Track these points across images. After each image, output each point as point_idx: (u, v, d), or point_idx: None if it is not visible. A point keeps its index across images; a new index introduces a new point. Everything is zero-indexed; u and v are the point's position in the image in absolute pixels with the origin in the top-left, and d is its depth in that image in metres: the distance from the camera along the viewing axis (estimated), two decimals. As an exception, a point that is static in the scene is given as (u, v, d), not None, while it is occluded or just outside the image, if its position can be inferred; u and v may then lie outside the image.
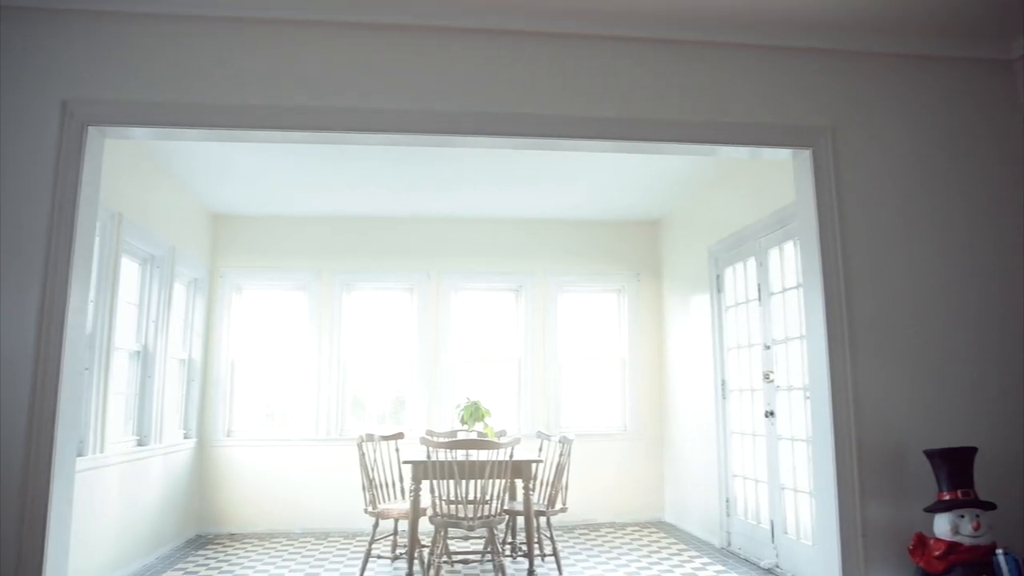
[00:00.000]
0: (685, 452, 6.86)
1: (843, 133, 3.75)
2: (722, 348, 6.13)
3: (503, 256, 7.52)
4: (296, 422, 7.09)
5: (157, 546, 5.83)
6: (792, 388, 5.03)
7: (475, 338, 7.45)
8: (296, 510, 6.88)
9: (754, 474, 5.56)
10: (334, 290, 7.26)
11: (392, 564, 5.51)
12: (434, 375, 7.20)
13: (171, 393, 6.36)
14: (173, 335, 6.34)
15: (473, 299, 7.53)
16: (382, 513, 5.11)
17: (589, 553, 5.90)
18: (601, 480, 7.24)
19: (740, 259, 5.84)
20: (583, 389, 7.51)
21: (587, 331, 7.62)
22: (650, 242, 7.74)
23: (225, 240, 7.26)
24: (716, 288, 6.24)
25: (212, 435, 6.93)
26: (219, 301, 7.15)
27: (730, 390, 6.01)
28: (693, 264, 6.74)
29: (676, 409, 7.11)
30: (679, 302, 7.11)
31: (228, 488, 6.87)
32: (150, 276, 5.90)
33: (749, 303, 5.69)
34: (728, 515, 5.95)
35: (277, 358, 7.23)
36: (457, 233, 7.51)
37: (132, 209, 5.33)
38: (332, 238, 7.37)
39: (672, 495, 7.18)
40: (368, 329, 7.36)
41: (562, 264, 7.58)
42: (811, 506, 4.75)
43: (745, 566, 5.39)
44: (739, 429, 5.83)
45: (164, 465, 6.00)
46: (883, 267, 3.66)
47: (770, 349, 5.30)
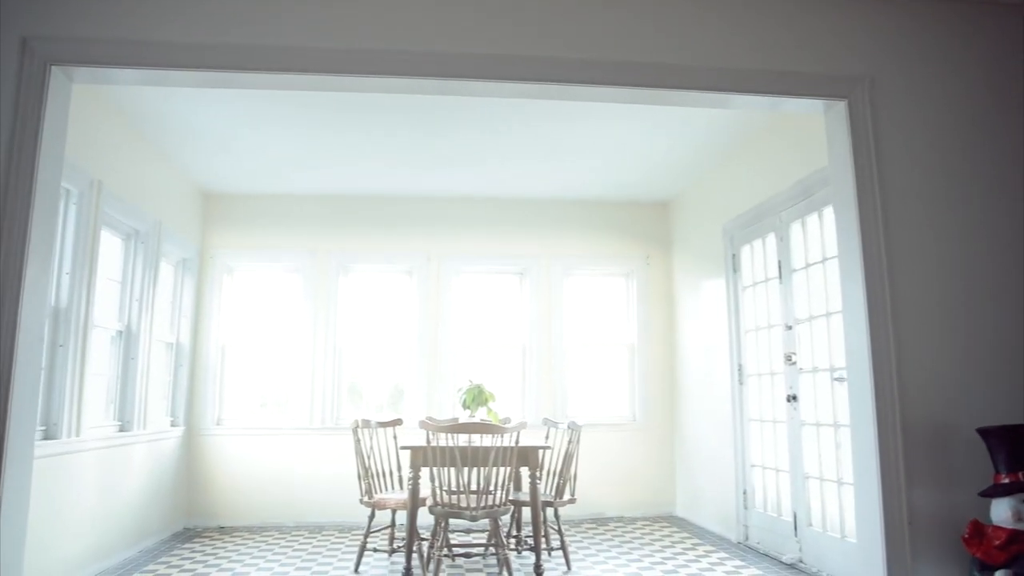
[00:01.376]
0: (698, 442, 6.53)
1: (882, 83, 3.41)
2: (739, 331, 5.80)
3: (507, 238, 7.19)
4: (289, 410, 6.77)
5: (140, 539, 5.50)
6: (817, 370, 4.69)
7: (477, 323, 7.13)
8: (289, 503, 6.55)
9: (774, 463, 5.23)
10: (330, 272, 6.93)
11: (389, 558, 5.18)
12: (434, 362, 6.88)
13: (157, 378, 6.03)
14: (159, 317, 6.02)
15: (475, 282, 7.21)
16: (378, 503, 4.78)
17: (598, 548, 5.58)
18: (609, 472, 6.91)
19: (758, 236, 5.50)
20: (590, 377, 7.18)
21: (594, 316, 7.30)
22: (660, 224, 7.41)
23: (216, 219, 6.94)
24: (732, 268, 5.91)
25: (201, 423, 6.60)
26: (209, 283, 6.82)
27: (747, 375, 5.67)
28: (706, 244, 6.41)
29: (688, 397, 6.78)
30: (691, 285, 6.78)
31: (218, 479, 6.54)
32: (134, 252, 5.57)
33: (768, 282, 5.36)
34: (746, 507, 5.62)
35: (270, 343, 6.90)
36: (459, 213, 7.18)
37: (114, 178, 5.00)
38: (328, 218, 7.04)
39: (684, 488, 6.85)
40: (365, 313, 7.03)
41: (568, 247, 7.25)
42: (838, 496, 4.42)
43: (766, 561, 5.06)
44: (757, 416, 5.50)
45: (149, 453, 5.68)
46: (927, 232, 3.33)
47: (792, 329, 4.97)
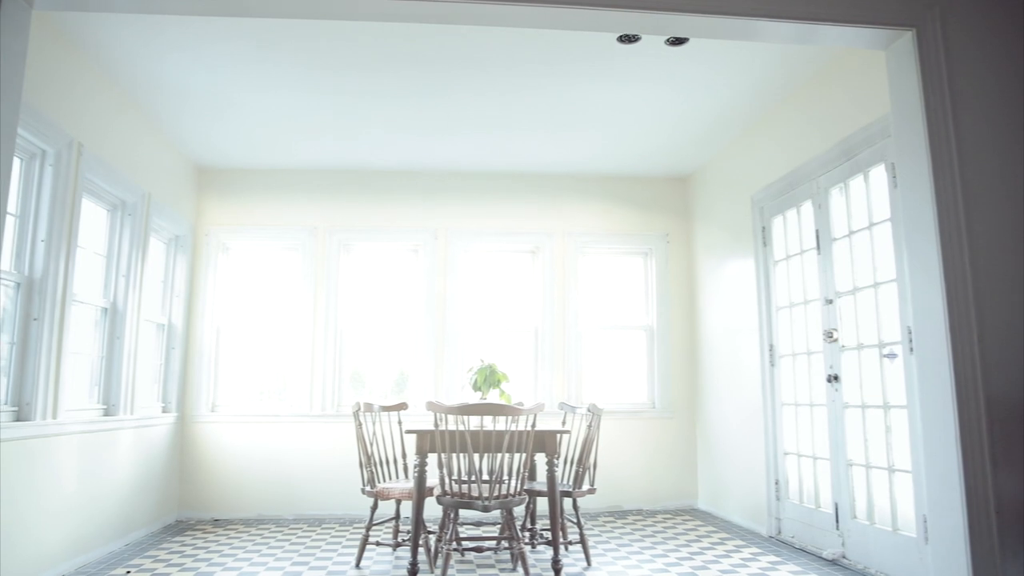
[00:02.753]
0: (723, 430, 6.12)
1: (955, 9, 2.99)
2: (769, 309, 5.38)
3: (518, 214, 6.78)
4: (288, 397, 6.38)
5: (127, 531, 5.12)
6: (863, 346, 4.28)
7: (487, 304, 6.72)
8: (287, 494, 6.17)
9: (811, 450, 4.82)
10: (331, 250, 6.54)
11: (393, 552, 4.79)
12: (441, 345, 6.48)
13: (147, 360, 5.65)
14: (149, 296, 5.63)
15: (485, 261, 6.80)
16: (381, 493, 4.39)
17: (618, 542, 5.17)
18: (627, 463, 6.51)
19: (792, 205, 5.09)
20: (607, 361, 6.77)
21: (611, 297, 6.88)
22: (679, 201, 6.99)
23: (211, 195, 6.55)
24: (762, 241, 5.49)
25: (194, 409, 6.22)
26: (203, 262, 6.43)
27: (780, 356, 5.26)
28: (733, 218, 5.99)
29: (712, 383, 6.37)
30: (714, 263, 6.36)
31: (212, 469, 6.16)
32: (120, 225, 5.18)
33: (804, 254, 4.94)
34: (778, 499, 5.21)
35: (268, 325, 6.51)
36: (467, 187, 6.77)
37: (97, 143, 4.61)
38: (329, 193, 6.65)
39: (707, 479, 6.44)
40: (368, 294, 6.64)
41: (583, 223, 6.84)
42: (889, 484, 4.01)
43: (803, 557, 4.65)
44: (792, 400, 5.09)
45: (137, 440, 5.30)
46: (1010, 180, 2.91)
47: (832, 304, 4.55)
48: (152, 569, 4.37)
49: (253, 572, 4.29)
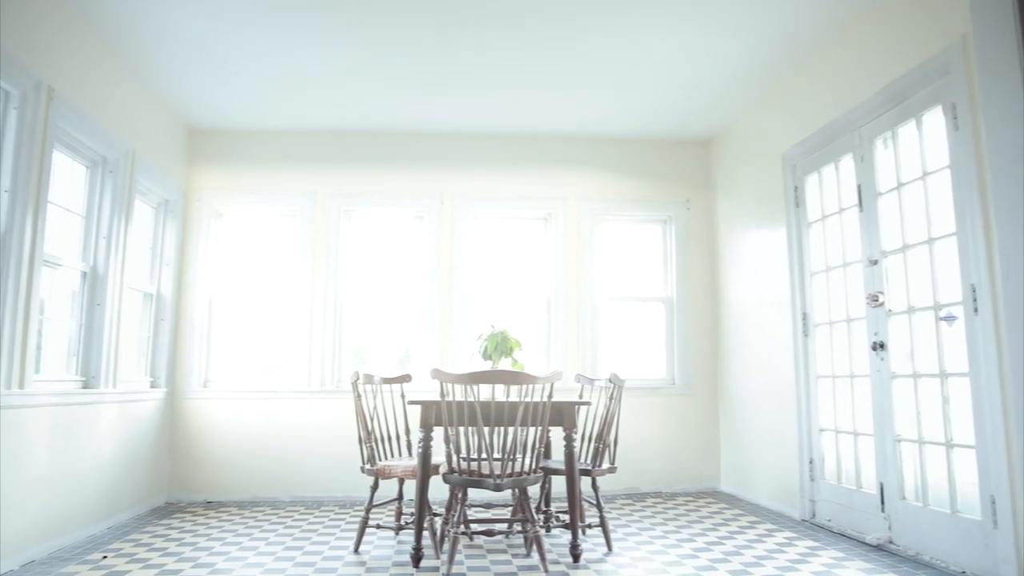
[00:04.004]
0: (749, 408, 5.72)
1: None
2: (802, 274, 4.97)
3: (529, 178, 6.36)
4: (285, 372, 6.00)
5: (110, 513, 4.76)
6: (915, 309, 3.86)
7: (497, 274, 6.32)
8: (284, 474, 5.80)
9: (851, 426, 4.42)
10: (331, 216, 6.13)
11: (396, 536, 4.41)
12: (448, 317, 6.08)
13: (132, 331, 5.28)
14: (135, 262, 5.25)
15: (494, 228, 6.39)
16: (382, 471, 4.00)
17: (639, 526, 4.79)
18: (645, 442, 6.12)
19: (829, 160, 4.66)
20: (623, 336, 6.36)
21: (628, 267, 6.47)
22: (701, 166, 6.56)
23: (203, 158, 6.14)
24: (794, 203, 5.06)
25: (185, 385, 5.84)
26: (195, 228, 6.04)
27: (814, 324, 4.85)
28: (761, 179, 5.56)
29: (736, 357, 5.96)
30: (739, 231, 5.94)
31: (204, 448, 5.79)
32: (101, 183, 4.79)
33: (844, 212, 4.53)
34: (812, 479, 4.81)
35: (264, 296, 6.12)
36: (475, 151, 6.36)
37: (71, 88, 4.21)
38: (328, 156, 6.24)
39: (730, 459, 6.04)
40: (370, 262, 6.24)
41: (599, 190, 6.42)
42: (947, 461, 3.60)
43: (843, 541, 4.25)
44: (828, 372, 4.68)
45: (121, 416, 4.92)
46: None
47: (877, 265, 4.13)
48: (132, 554, 4.00)
49: (240, 558, 3.92)
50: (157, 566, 3.73)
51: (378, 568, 3.70)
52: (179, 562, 3.81)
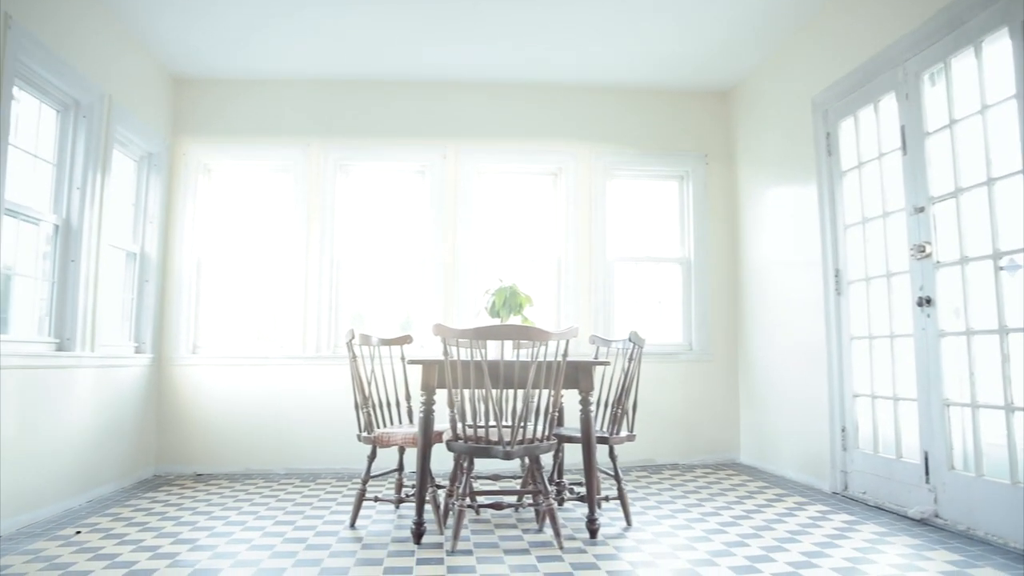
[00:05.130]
0: (772, 373, 5.36)
1: None
2: (835, 228, 4.59)
3: (538, 131, 5.96)
4: (279, 337, 5.65)
5: (90, 486, 4.43)
6: (968, 259, 3.48)
7: (503, 233, 5.94)
8: (278, 445, 5.47)
9: (890, 390, 4.06)
10: (327, 172, 5.75)
11: (396, 510, 4.08)
12: (451, 277, 5.72)
13: (113, 291, 4.93)
14: (115, 218, 4.89)
15: (501, 184, 6.00)
16: (380, 439, 3.66)
17: (658, 499, 4.45)
18: (661, 411, 5.77)
19: (867, 102, 4.26)
20: (638, 298, 5.99)
21: (643, 226, 6.09)
22: (720, 118, 6.15)
23: (190, 109, 5.75)
24: (826, 150, 4.67)
25: (173, 351, 5.50)
26: (182, 184, 5.66)
27: (848, 282, 4.48)
28: (788, 128, 5.16)
29: (758, 321, 5.59)
30: (761, 186, 5.55)
31: (194, 417, 5.46)
32: (73, 128, 4.42)
33: (884, 157, 4.13)
34: (844, 449, 4.47)
35: (255, 256, 5.75)
36: (480, 101, 5.95)
37: (33, 18, 3.81)
38: (324, 106, 5.83)
39: (751, 429, 5.69)
40: (369, 221, 5.86)
41: (612, 143, 6.01)
42: (1007, 426, 3.24)
43: (882, 515, 3.91)
44: (864, 332, 4.31)
45: (101, 382, 4.58)
46: None
47: (924, 212, 3.74)
48: (108, 529, 3.67)
49: (225, 533, 3.58)
50: (133, 542, 3.40)
51: (376, 544, 3.37)
52: (158, 538, 3.48)
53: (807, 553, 3.20)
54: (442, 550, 3.25)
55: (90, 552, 3.22)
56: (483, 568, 2.98)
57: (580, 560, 3.10)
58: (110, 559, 3.10)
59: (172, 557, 3.14)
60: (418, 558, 3.13)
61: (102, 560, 3.09)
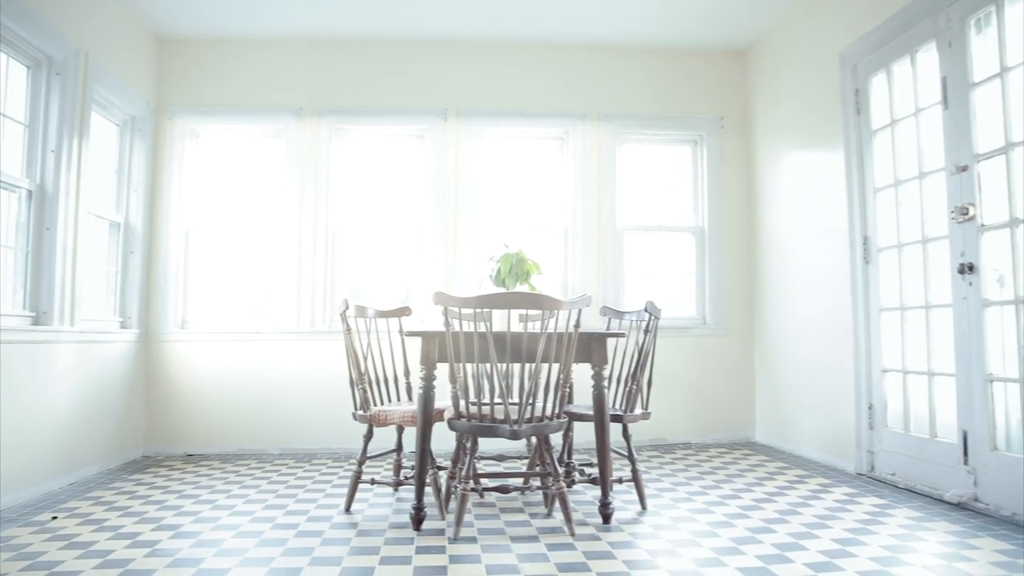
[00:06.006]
0: (791, 349, 5.08)
1: None
2: (863, 192, 4.29)
3: (544, 93, 5.64)
4: (272, 311, 5.38)
5: (72, 467, 4.18)
6: (1019, 221, 3.18)
7: (507, 201, 5.64)
8: (272, 424, 5.22)
9: (925, 365, 3.78)
10: (320, 136, 5.44)
11: (395, 493, 3.83)
12: (452, 248, 5.43)
13: (95, 263, 4.67)
14: (96, 185, 4.61)
15: (504, 148, 5.69)
16: (376, 417, 3.40)
17: (673, 480, 4.20)
18: (673, 388, 5.51)
19: (903, 53, 3.94)
20: (649, 269, 5.71)
21: (654, 193, 5.79)
22: (737, 79, 5.82)
23: (176, 71, 5.43)
24: (854, 109, 4.35)
25: (161, 326, 5.23)
26: (168, 150, 5.36)
27: (877, 250, 4.18)
28: (811, 87, 4.84)
29: (776, 293, 5.31)
30: (781, 150, 5.23)
31: (184, 395, 5.20)
32: (46, 87, 4.11)
33: (921, 113, 3.82)
34: (871, 428, 4.20)
35: (247, 226, 5.47)
36: (483, 62, 5.62)
37: (-7, -37, 3.51)
38: (318, 67, 5.52)
39: (768, 407, 5.43)
40: (366, 188, 5.56)
41: (622, 105, 5.69)
42: (1061, 403, 2.96)
43: (915, 498, 3.65)
44: (895, 303, 4.03)
45: (83, 358, 4.32)
46: None
47: (968, 171, 3.44)
48: (87, 514, 3.42)
49: (211, 519, 3.33)
50: (112, 528, 3.15)
51: (372, 531, 3.12)
52: (139, 523, 3.23)
53: (840, 540, 2.94)
54: (443, 537, 3.00)
55: (63, 540, 2.97)
56: (488, 557, 2.73)
57: (593, 548, 2.85)
58: (83, 548, 2.85)
59: (151, 546, 2.89)
60: (418, 546, 2.88)
61: (75, 549, 2.84)
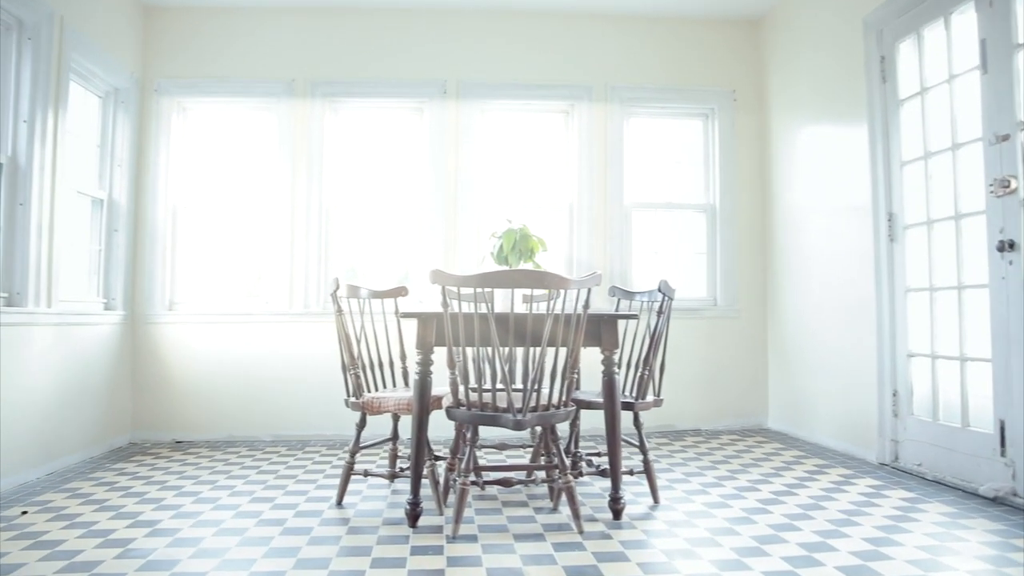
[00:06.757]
0: (807, 331, 4.84)
1: None
2: (888, 166, 4.03)
3: (548, 64, 5.36)
4: (264, 292, 5.14)
5: (52, 456, 3.96)
6: (1067, 195, 2.93)
7: (509, 177, 5.38)
8: (264, 410, 4.99)
9: (956, 349, 3.54)
10: (313, 110, 5.18)
11: (390, 485, 3.60)
12: (451, 226, 5.18)
13: (78, 242, 4.43)
14: (76, 159, 4.37)
15: (506, 123, 5.42)
16: (370, 405, 3.17)
17: (684, 470, 3.97)
18: (682, 371, 5.27)
19: (935, 16, 3.67)
20: (658, 248, 5.46)
21: (663, 169, 5.52)
22: (750, 50, 5.54)
23: (162, 41, 5.16)
24: (880, 77, 4.08)
25: (147, 307, 4.99)
26: (154, 124, 5.10)
27: (904, 227, 3.93)
28: (831, 56, 4.56)
29: (791, 273, 5.06)
30: (798, 124, 4.97)
31: (172, 380, 4.98)
32: (17, 52, 3.85)
33: (956, 79, 3.56)
34: (895, 415, 3.96)
35: (237, 204, 5.22)
36: (485, 32, 5.35)
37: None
38: (312, 37, 5.24)
39: (781, 392, 5.20)
40: (361, 164, 5.31)
41: (629, 77, 5.42)
42: (1113, 391, 2.72)
43: (946, 492, 3.42)
44: (924, 283, 3.78)
45: (61, 341, 4.09)
46: None
47: (1009, 140, 3.18)
48: (60, 508, 3.20)
49: (192, 514, 3.11)
50: (84, 525, 2.92)
51: (364, 528, 2.89)
52: (114, 519, 3.01)
53: (871, 539, 2.71)
54: (442, 535, 2.78)
55: (29, 539, 2.75)
56: (490, 559, 2.50)
57: (604, 548, 2.62)
58: (50, 548, 2.63)
59: (124, 545, 2.67)
60: (413, 546, 2.65)
61: (40, 549, 2.62)
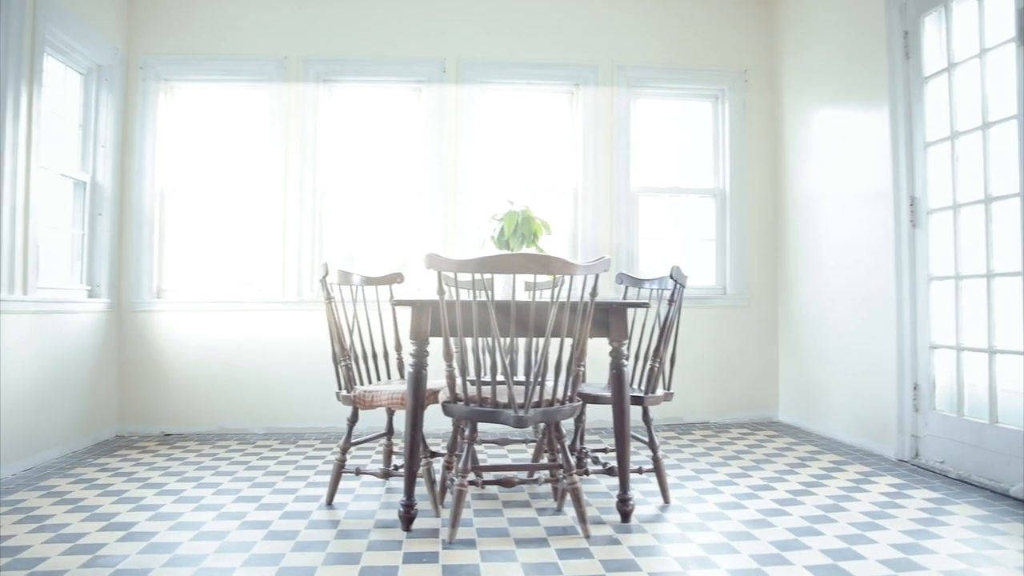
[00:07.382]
0: (821, 322, 4.64)
1: None
2: (910, 147, 3.81)
3: (552, 43, 5.14)
4: (256, 279, 4.94)
5: (30, 451, 3.77)
6: (1113, 175, 2.72)
7: (511, 160, 5.17)
8: (257, 401, 4.80)
9: (984, 341, 3.33)
10: (307, 89, 4.96)
11: (384, 484, 3.40)
12: (450, 211, 4.97)
13: (59, 226, 4.22)
14: (55, 139, 4.17)
15: (508, 104, 5.20)
16: (362, 399, 2.97)
17: (694, 466, 3.78)
18: (690, 362, 5.07)
19: (964, -13, 3.45)
20: (665, 234, 5.25)
21: (671, 153, 5.31)
22: (762, 28, 5.31)
23: (148, 15, 4.93)
24: (903, 53, 3.86)
25: (134, 295, 4.79)
26: (140, 103, 4.88)
27: (927, 212, 3.72)
28: (849, 32, 4.34)
29: (804, 261, 4.85)
30: (812, 105, 4.75)
31: (160, 370, 4.78)
32: (-11, 25, 3.63)
33: (987, 53, 3.34)
34: (916, 410, 3.76)
35: (227, 187, 5.00)
36: (487, 7, 5.12)
37: None
38: (305, 12, 5.02)
39: (792, 384, 5.00)
40: (357, 146, 5.09)
41: (636, 57, 5.19)
42: None
43: (973, 492, 3.22)
44: (949, 271, 3.57)
45: (39, 330, 3.89)
46: None
47: (1046, 118, 2.97)
48: (30, 509, 3.01)
49: (171, 515, 2.91)
50: (53, 528, 2.73)
51: (355, 531, 2.70)
52: (87, 521, 2.82)
53: (899, 546, 2.52)
54: (437, 539, 2.58)
55: (-5, 542, 2.56)
56: (489, 568, 2.31)
57: (613, 556, 2.43)
58: (11, 555, 2.44)
59: (93, 551, 2.48)
60: (406, 552, 2.46)
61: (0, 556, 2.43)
